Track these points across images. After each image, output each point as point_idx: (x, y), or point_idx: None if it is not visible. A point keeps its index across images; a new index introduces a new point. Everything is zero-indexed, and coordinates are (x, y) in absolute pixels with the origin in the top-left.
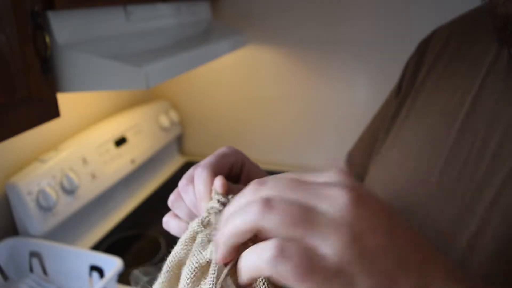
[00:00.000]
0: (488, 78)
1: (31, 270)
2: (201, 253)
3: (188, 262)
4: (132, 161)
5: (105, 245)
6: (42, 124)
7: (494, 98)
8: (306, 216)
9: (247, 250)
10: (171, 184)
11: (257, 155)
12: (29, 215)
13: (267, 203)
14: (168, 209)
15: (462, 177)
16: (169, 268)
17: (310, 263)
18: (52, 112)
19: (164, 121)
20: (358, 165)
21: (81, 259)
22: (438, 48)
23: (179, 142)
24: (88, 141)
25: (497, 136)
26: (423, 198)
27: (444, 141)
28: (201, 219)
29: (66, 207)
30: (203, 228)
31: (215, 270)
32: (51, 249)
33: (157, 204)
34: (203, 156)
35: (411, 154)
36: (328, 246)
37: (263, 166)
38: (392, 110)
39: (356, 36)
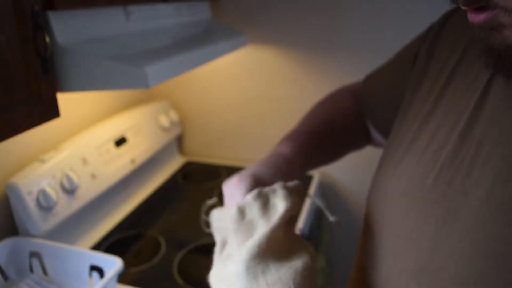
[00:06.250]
0: (493, 82)
1: (31, 270)
2: None
3: None
4: (132, 161)
5: (105, 245)
6: (42, 124)
7: (493, 104)
8: None
9: None
10: (171, 184)
11: (257, 155)
12: (29, 215)
13: None
14: (167, 209)
15: (453, 182)
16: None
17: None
18: (52, 112)
19: (164, 121)
20: (369, 92)
21: (81, 259)
22: (451, 42)
23: (179, 142)
24: (88, 141)
25: (488, 145)
26: (419, 200)
27: (444, 145)
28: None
29: (66, 207)
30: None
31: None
32: (51, 249)
33: (157, 204)
34: (203, 156)
35: (416, 158)
36: None
37: None
38: (410, 85)
39: (356, 36)
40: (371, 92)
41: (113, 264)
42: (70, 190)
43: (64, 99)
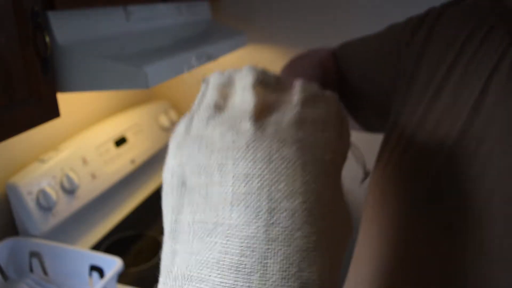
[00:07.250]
0: (493, 77)
1: (31, 270)
2: None
3: None
4: (132, 161)
5: (105, 245)
6: (42, 124)
7: (493, 100)
8: None
9: None
10: None
11: None
12: (29, 215)
13: None
14: None
15: (454, 181)
16: None
17: None
18: (52, 112)
19: (164, 121)
20: (344, 60)
21: (81, 259)
22: (451, 33)
23: None
24: (88, 141)
25: (488, 141)
26: (417, 201)
27: (443, 143)
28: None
29: (66, 207)
30: None
31: None
32: (51, 249)
33: (157, 204)
34: None
35: (416, 154)
36: None
37: None
38: (405, 73)
39: (356, 36)
40: (346, 59)
41: (113, 264)
42: (70, 190)
43: (64, 99)
